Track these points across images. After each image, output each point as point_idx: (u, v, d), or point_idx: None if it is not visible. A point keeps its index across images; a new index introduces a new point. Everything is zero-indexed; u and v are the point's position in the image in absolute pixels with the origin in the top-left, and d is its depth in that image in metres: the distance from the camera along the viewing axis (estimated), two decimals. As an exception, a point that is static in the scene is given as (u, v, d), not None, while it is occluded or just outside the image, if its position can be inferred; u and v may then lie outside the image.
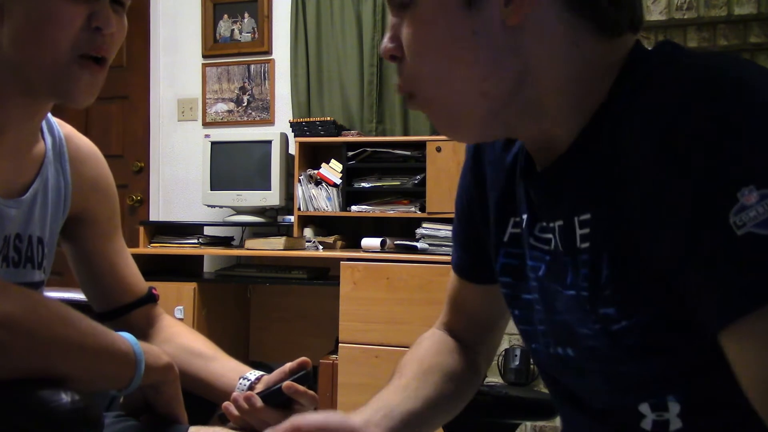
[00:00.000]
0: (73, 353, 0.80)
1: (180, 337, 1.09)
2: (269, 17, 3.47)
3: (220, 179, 3.17)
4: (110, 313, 1.08)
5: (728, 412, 0.55)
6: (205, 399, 1.01)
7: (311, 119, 3.14)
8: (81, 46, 0.82)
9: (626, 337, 0.57)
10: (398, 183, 2.99)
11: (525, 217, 0.69)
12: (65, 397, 0.76)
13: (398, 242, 2.81)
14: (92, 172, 1.05)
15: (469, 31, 0.58)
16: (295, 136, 3.12)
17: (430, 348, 0.85)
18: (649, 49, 0.60)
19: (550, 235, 0.65)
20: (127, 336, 0.86)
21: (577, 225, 0.60)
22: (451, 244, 0.87)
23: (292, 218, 3.08)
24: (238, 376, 1.00)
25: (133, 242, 3.36)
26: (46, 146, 0.97)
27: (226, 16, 3.53)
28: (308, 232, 3.05)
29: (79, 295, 1.18)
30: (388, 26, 0.64)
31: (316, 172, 3.08)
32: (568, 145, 0.61)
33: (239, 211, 3.20)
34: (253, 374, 1.00)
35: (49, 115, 0.98)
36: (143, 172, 3.65)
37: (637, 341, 0.57)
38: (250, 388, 0.97)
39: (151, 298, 1.11)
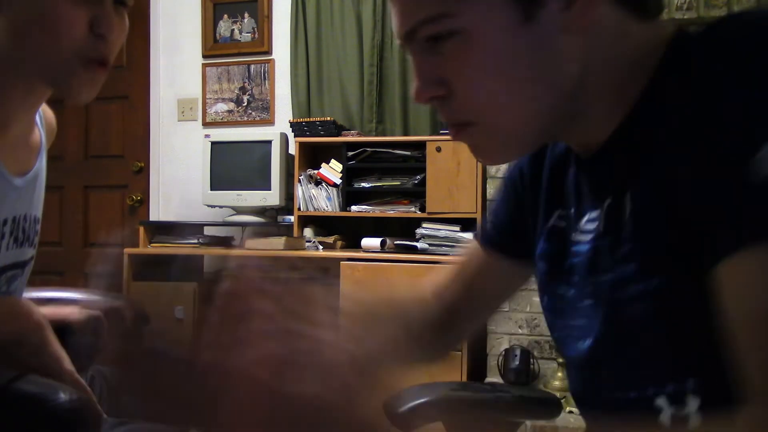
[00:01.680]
0: None
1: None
2: (269, 17, 3.47)
3: (220, 179, 3.17)
4: None
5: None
6: None
7: (311, 119, 3.14)
8: (83, 50, 0.84)
9: (641, 301, 0.57)
10: (398, 183, 2.99)
11: (573, 210, 0.68)
12: (63, 396, 0.76)
13: (398, 242, 2.81)
14: (52, 148, 1.09)
15: (529, 48, 0.56)
16: (295, 136, 3.12)
17: (407, 295, 0.84)
18: (691, 31, 0.60)
19: (594, 224, 0.64)
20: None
21: (627, 201, 0.59)
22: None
23: (292, 218, 3.08)
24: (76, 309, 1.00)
25: (133, 242, 3.36)
26: (41, 134, 1.02)
27: (226, 16, 3.53)
28: (308, 232, 3.05)
29: (77, 295, 1.18)
30: (415, 71, 0.59)
31: (316, 172, 3.08)
32: (611, 132, 0.60)
33: (239, 211, 3.20)
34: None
35: None
36: (143, 172, 3.65)
37: (652, 307, 0.56)
38: None
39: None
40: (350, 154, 3.02)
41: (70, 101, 0.88)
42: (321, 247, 2.94)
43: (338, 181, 3.03)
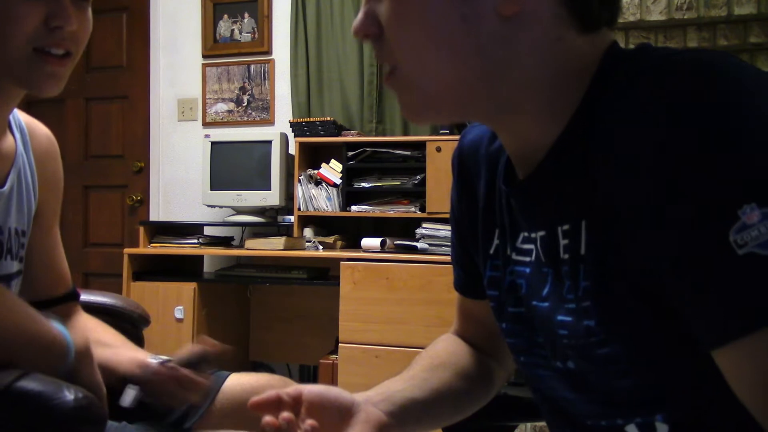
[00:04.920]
0: (18, 339, 0.84)
1: (90, 331, 1.12)
2: (269, 17, 3.47)
3: (220, 179, 3.17)
4: (35, 304, 1.11)
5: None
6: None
7: (311, 119, 3.14)
8: (37, 41, 0.86)
9: (606, 350, 0.56)
10: (398, 183, 2.99)
11: (507, 227, 0.68)
12: (69, 395, 0.77)
13: (398, 242, 2.81)
14: (51, 166, 1.08)
15: (458, 15, 0.56)
16: (295, 136, 3.12)
17: (444, 348, 0.84)
18: (627, 48, 0.59)
19: (531, 246, 0.64)
20: (56, 324, 0.91)
21: (560, 235, 0.59)
22: (450, 243, 0.86)
23: (292, 218, 3.08)
24: (136, 362, 1.07)
25: (133, 242, 3.37)
26: (15, 138, 1.00)
27: (226, 16, 3.53)
28: (308, 232, 3.05)
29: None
30: (362, 7, 0.62)
31: (316, 172, 3.08)
32: (546, 152, 0.59)
33: (239, 211, 3.20)
34: (158, 358, 1.08)
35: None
36: (143, 172, 3.65)
37: (617, 356, 0.55)
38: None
39: (74, 296, 1.13)
40: (350, 154, 3.02)
41: (35, 94, 0.91)
42: (321, 247, 2.94)
43: (338, 181, 3.03)
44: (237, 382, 1.18)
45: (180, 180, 3.58)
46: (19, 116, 1.04)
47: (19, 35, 0.85)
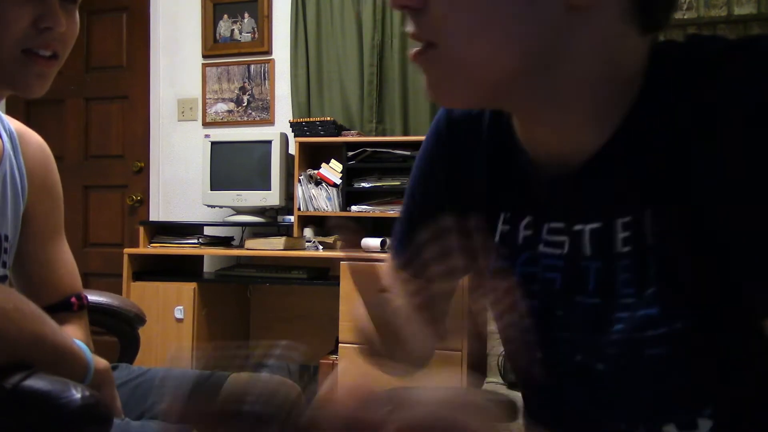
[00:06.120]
0: (46, 349, 0.85)
1: None
2: (269, 17, 3.47)
3: (220, 179, 3.17)
4: None
5: (760, 425, 0.54)
6: None
7: (311, 119, 3.14)
8: (26, 42, 0.87)
9: (656, 351, 0.55)
10: (398, 183, 2.99)
11: (528, 217, 0.65)
12: (76, 393, 0.77)
13: (398, 242, 2.81)
14: (42, 170, 1.07)
15: None
16: (295, 136, 3.12)
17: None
18: (670, 43, 0.58)
19: (563, 238, 0.62)
20: (77, 341, 0.92)
21: (619, 228, 0.57)
22: (405, 219, 0.79)
23: (292, 218, 3.08)
24: None
25: (133, 242, 3.37)
26: (3, 141, 0.99)
27: (226, 16, 3.53)
28: (308, 232, 3.05)
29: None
30: None
31: (316, 172, 3.08)
32: (599, 147, 0.57)
33: (239, 211, 3.20)
34: None
35: None
36: (143, 172, 3.65)
37: (665, 356, 0.54)
38: None
39: (64, 306, 1.07)
40: (350, 154, 3.02)
41: (21, 95, 0.91)
42: (321, 247, 2.94)
43: (338, 181, 3.03)
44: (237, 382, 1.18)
45: (180, 180, 3.58)
46: (9, 122, 1.03)
47: (9, 38, 0.85)
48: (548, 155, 0.62)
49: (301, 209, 3.06)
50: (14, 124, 1.04)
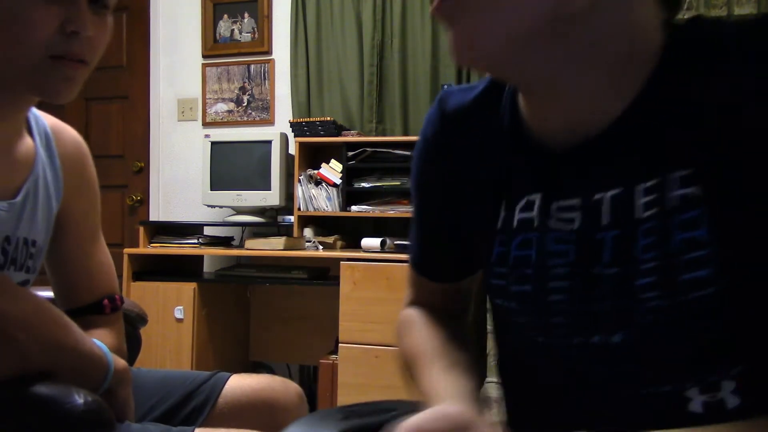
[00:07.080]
0: (67, 355, 0.85)
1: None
2: (269, 17, 3.47)
3: (220, 179, 3.17)
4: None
5: None
6: None
7: (311, 119, 3.14)
8: (54, 47, 0.82)
9: (708, 303, 0.54)
10: (398, 183, 2.99)
11: (537, 198, 0.64)
12: (79, 398, 0.77)
13: (398, 242, 2.81)
14: (80, 170, 1.05)
15: None
16: (295, 136, 3.12)
17: (435, 332, 0.80)
18: (681, 23, 0.60)
19: (573, 215, 0.61)
20: (98, 342, 0.92)
21: (640, 193, 0.57)
22: (415, 220, 0.81)
23: (292, 218, 3.08)
24: None
25: (133, 242, 3.37)
26: (36, 143, 0.97)
27: (226, 16, 3.53)
28: (308, 232, 3.05)
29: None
30: None
31: (316, 172, 3.08)
32: (617, 114, 0.58)
33: (239, 211, 3.20)
34: None
35: (33, 108, 0.97)
36: (143, 172, 3.65)
37: (718, 307, 0.54)
38: None
39: (96, 308, 1.06)
40: (350, 154, 3.02)
41: (49, 101, 0.87)
42: (321, 247, 2.94)
43: (338, 181, 3.03)
44: (238, 383, 1.18)
45: (180, 180, 3.58)
46: (44, 120, 1.00)
47: (36, 41, 0.81)
48: (558, 131, 0.61)
49: (301, 209, 3.06)
50: (49, 121, 1.01)
